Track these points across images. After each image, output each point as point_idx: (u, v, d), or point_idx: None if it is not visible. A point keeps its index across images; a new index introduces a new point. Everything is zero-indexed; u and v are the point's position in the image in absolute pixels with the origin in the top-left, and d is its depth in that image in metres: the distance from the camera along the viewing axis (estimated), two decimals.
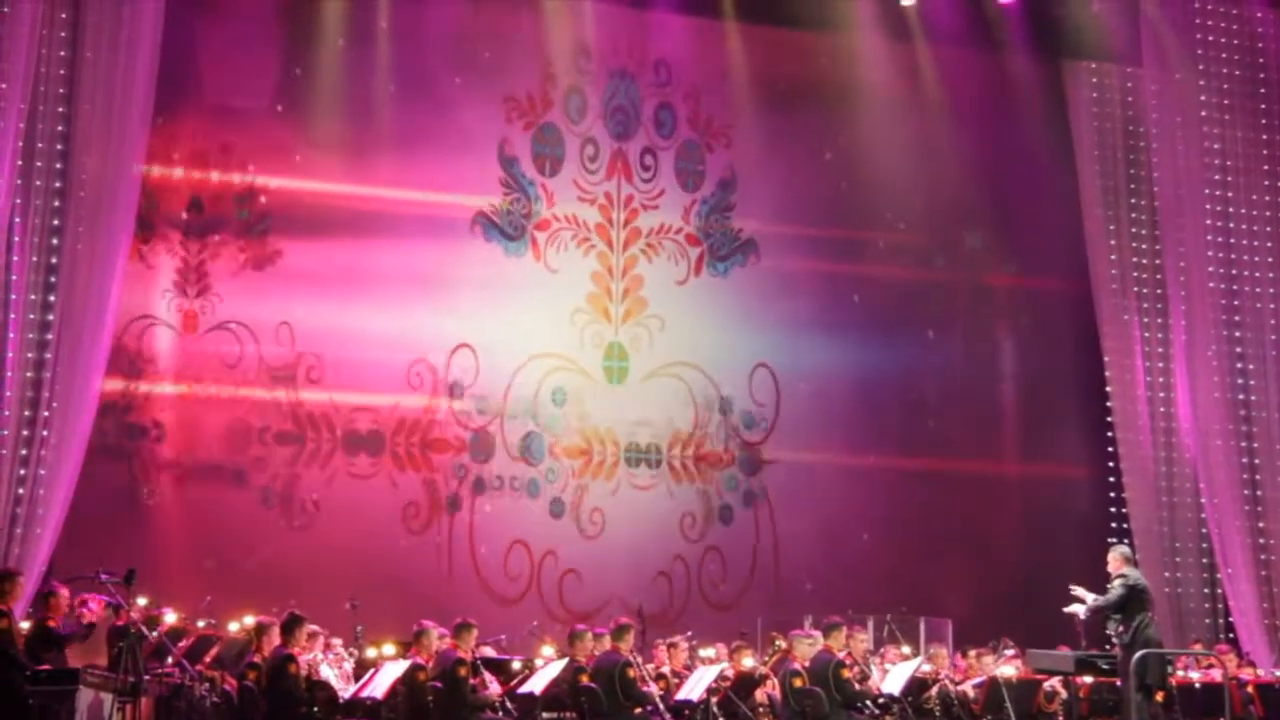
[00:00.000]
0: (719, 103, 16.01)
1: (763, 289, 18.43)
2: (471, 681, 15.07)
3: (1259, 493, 21.47)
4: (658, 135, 15.43)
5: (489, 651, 16.39)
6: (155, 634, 14.95)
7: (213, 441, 17.53)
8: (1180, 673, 17.58)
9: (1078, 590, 15.12)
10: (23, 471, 17.02)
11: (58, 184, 17.51)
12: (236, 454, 17.59)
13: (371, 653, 16.14)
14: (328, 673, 15.59)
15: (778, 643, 17.20)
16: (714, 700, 15.63)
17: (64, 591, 14.77)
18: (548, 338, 16.54)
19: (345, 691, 15.26)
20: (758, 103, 17.37)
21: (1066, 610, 15.22)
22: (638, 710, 15.43)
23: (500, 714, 15.25)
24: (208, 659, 15.11)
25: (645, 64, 14.99)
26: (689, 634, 17.44)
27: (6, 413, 17.07)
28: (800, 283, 19.23)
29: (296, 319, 17.77)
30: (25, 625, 14.79)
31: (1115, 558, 15.18)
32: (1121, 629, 14.75)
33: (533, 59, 15.40)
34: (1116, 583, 14.86)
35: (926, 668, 17.07)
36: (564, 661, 15.71)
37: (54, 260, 17.38)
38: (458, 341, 16.00)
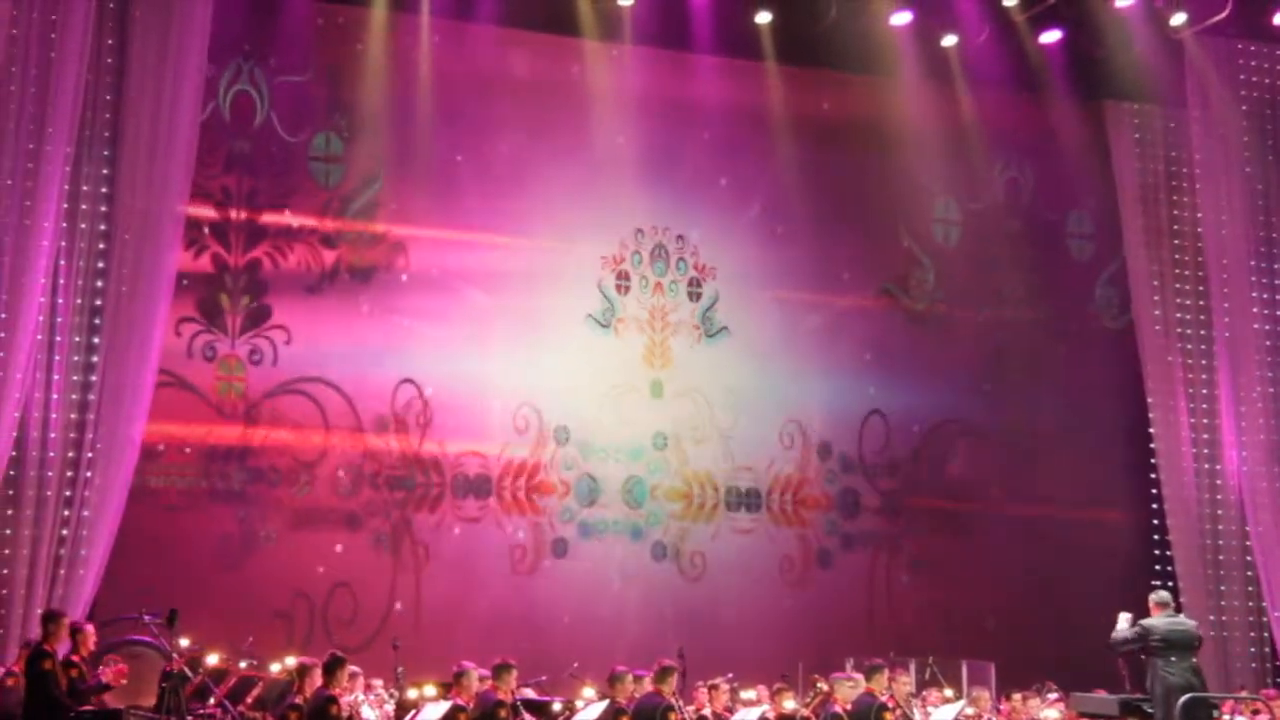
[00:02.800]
0: (710, 253, 21.26)
1: (738, 349, 21.66)
2: None
3: None
4: (677, 273, 21.10)
5: (529, 693, 16.35)
6: (198, 675, 14.98)
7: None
8: (1226, 718, 17.39)
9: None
10: (66, 513, 17.08)
11: (102, 226, 17.65)
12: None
13: (412, 694, 16.12)
14: (369, 714, 15.56)
15: (819, 685, 17.06)
16: None
17: (89, 628, 14.78)
18: (620, 378, 20.86)
19: None
20: (743, 240, 21.70)
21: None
22: None
23: None
24: (250, 700, 15.09)
25: (672, 238, 21.03)
26: (729, 675, 17.38)
27: (51, 454, 17.16)
28: (769, 340, 21.78)
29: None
30: None
31: (1150, 602, 14.94)
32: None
33: (616, 234, 20.93)
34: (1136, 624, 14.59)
35: (969, 711, 16.94)
36: (605, 704, 15.58)
37: (98, 302, 17.51)
38: (568, 383, 20.57)
